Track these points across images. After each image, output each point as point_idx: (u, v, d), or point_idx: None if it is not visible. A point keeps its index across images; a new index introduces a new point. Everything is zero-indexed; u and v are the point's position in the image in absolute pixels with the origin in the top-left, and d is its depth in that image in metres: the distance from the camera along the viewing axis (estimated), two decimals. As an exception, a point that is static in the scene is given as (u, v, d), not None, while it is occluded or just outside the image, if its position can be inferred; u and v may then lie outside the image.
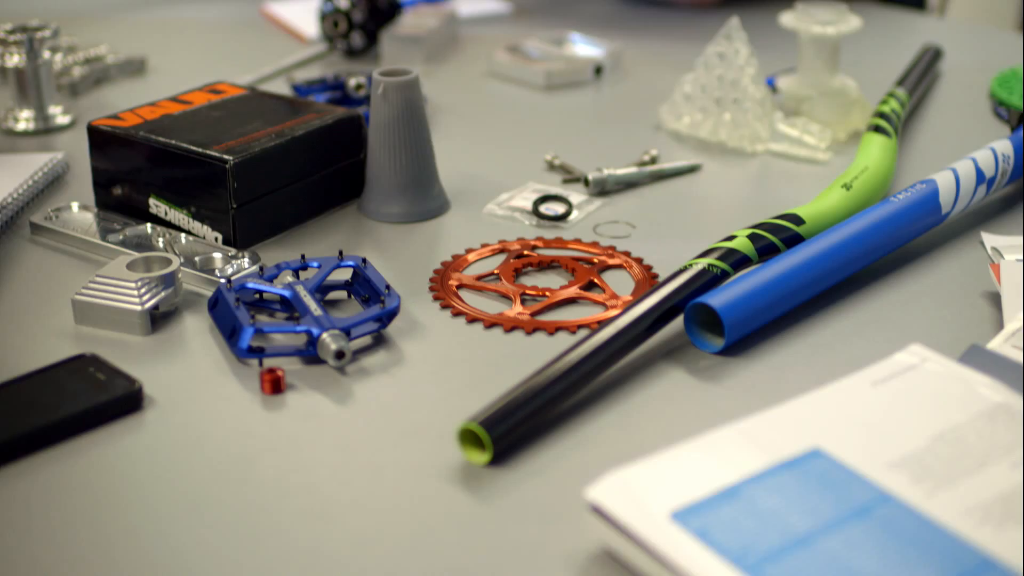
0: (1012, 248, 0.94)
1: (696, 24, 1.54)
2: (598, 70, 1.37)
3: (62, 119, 1.24)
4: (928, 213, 0.95)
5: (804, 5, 1.22)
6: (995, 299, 0.88)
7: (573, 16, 1.58)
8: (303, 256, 0.90)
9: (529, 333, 0.85)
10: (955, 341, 0.80)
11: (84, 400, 0.76)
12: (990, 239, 0.96)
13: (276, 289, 0.87)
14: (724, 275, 0.86)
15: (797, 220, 0.92)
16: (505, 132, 1.25)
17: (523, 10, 1.61)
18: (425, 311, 0.88)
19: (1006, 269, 0.87)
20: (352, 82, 1.23)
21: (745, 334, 0.83)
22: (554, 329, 0.86)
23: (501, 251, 0.97)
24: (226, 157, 0.95)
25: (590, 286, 0.92)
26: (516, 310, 0.88)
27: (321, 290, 0.89)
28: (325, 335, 0.80)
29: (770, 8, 1.39)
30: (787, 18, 1.22)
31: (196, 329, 0.86)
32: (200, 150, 0.97)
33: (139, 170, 1.01)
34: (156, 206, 1.00)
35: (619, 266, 0.95)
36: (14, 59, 1.22)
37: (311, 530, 0.66)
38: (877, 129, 1.10)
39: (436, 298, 0.90)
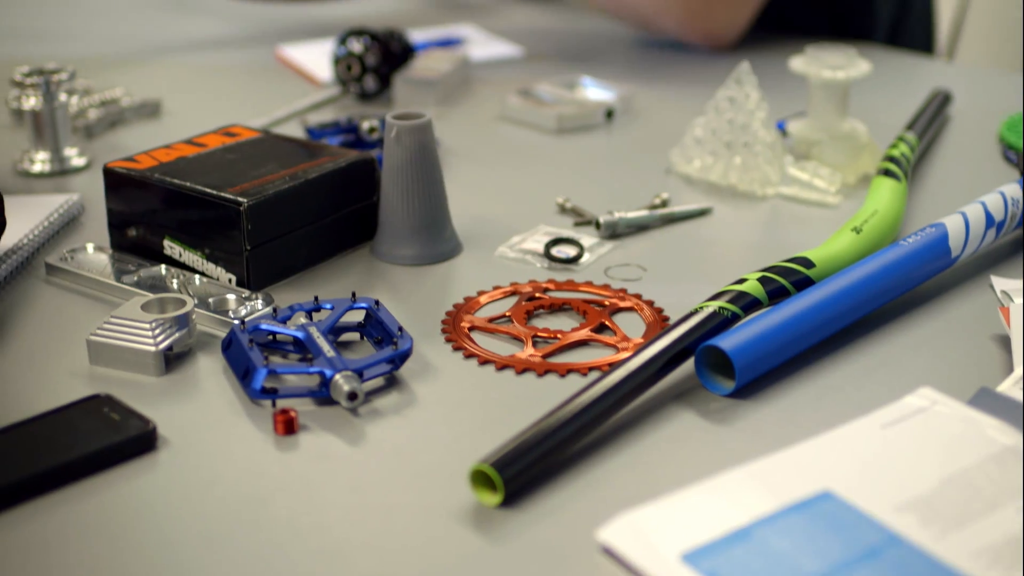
0: (1021, 291, 0.94)
1: (707, 68, 1.55)
2: (609, 114, 1.38)
3: (77, 161, 1.25)
4: (938, 257, 0.96)
5: (814, 50, 1.23)
6: (1005, 342, 0.88)
7: (585, 60, 1.60)
8: (316, 298, 0.91)
9: (541, 375, 0.86)
10: (964, 384, 0.81)
11: (98, 440, 0.76)
12: (1000, 282, 0.97)
13: (289, 330, 0.87)
14: (735, 318, 0.87)
15: (807, 263, 0.93)
16: (517, 175, 1.26)
17: (535, 54, 1.62)
18: (437, 353, 0.89)
19: (1015, 312, 0.87)
20: (365, 125, 1.24)
21: (755, 376, 0.84)
22: (565, 371, 0.86)
23: (513, 294, 0.98)
24: (240, 199, 0.96)
25: (601, 328, 0.92)
26: (528, 352, 0.89)
27: (334, 331, 0.89)
28: (338, 376, 0.81)
29: (780, 52, 1.40)
30: (797, 63, 1.23)
31: (210, 370, 0.87)
32: (214, 192, 0.98)
33: (154, 212, 1.02)
34: (170, 248, 1.01)
35: (630, 309, 0.96)
36: (31, 101, 1.23)
37: (324, 571, 0.66)
38: (887, 173, 1.11)
39: (448, 340, 0.91)
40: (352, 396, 0.80)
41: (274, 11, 1.79)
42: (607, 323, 0.93)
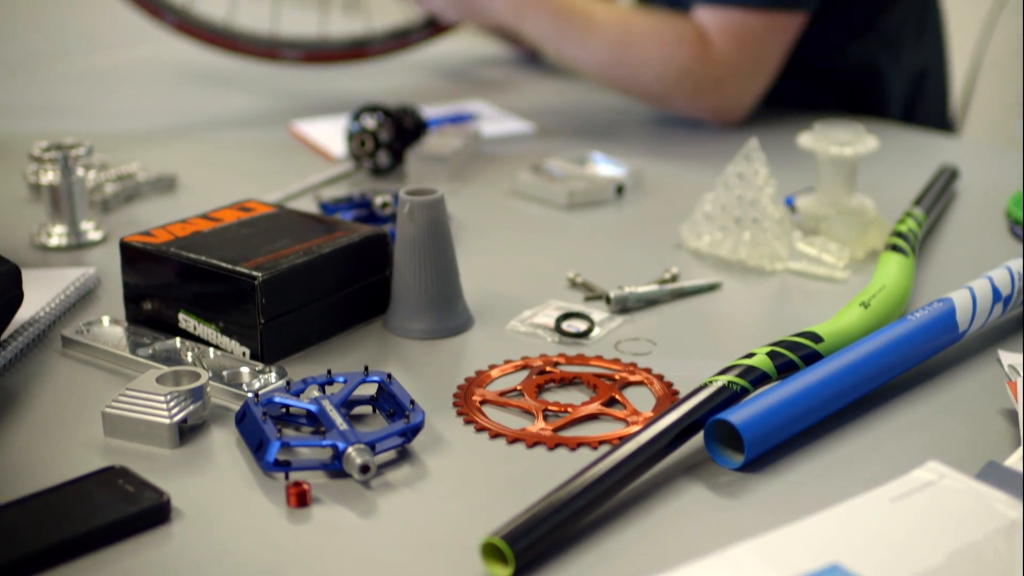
0: (1029, 366, 0.95)
1: (716, 144, 1.56)
2: (620, 189, 1.39)
3: (94, 235, 1.26)
4: (945, 331, 0.97)
5: (822, 126, 1.25)
6: (1012, 416, 0.89)
7: (595, 136, 1.61)
8: (329, 371, 0.92)
9: (551, 449, 0.87)
10: (972, 458, 0.81)
11: (113, 512, 0.77)
12: (1007, 357, 0.97)
13: (302, 403, 0.88)
14: (744, 392, 0.87)
15: (816, 338, 0.94)
16: (528, 250, 1.27)
17: (546, 130, 1.64)
18: (449, 426, 0.90)
19: (1022, 387, 0.88)
20: (378, 200, 1.25)
21: (765, 450, 0.84)
22: (576, 445, 0.87)
23: (524, 367, 0.99)
24: (255, 274, 0.98)
25: (611, 402, 0.93)
26: (538, 426, 0.89)
27: (347, 405, 0.90)
28: (351, 449, 0.81)
29: (789, 129, 1.42)
30: (805, 139, 1.25)
31: (224, 442, 0.87)
32: (229, 267, 0.99)
33: (169, 285, 1.03)
34: (185, 320, 1.02)
35: (640, 382, 0.96)
36: (49, 176, 1.25)
37: (335, 643, 0.67)
38: (895, 248, 1.12)
39: (460, 413, 0.91)
40: (364, 469, 0.81)
41: (289, 86, 1.81)
42: (617, 397, 0.93)
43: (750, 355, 0.90)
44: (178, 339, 1.01)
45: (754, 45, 1.58)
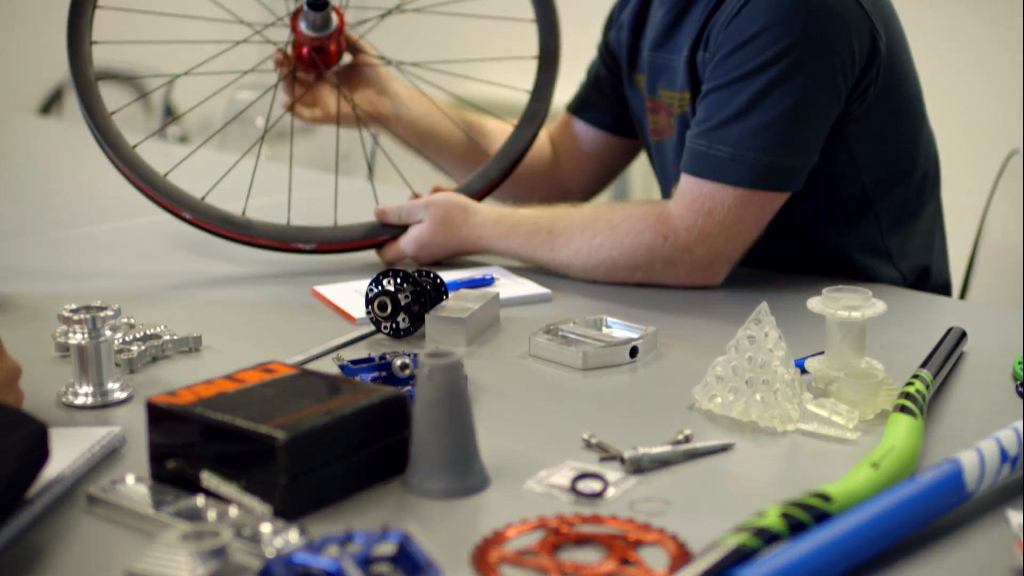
0: (1037, 527, 0.96)
1: (727, 307, 1.60)
2: (634, 352, 1.42)
3: (119, 395, 1.29)
4: (953, 492, 0.98)
5: (830, 291, 1.28)
6: (1021, 577, 0.90)
7: (609, 301, 1.65)
8: (348, 529, 0.94)
9: (566, 607, 0.88)
10: (982, 618, 0.82)
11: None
12: (1015, 516, 0.98)
13: (322, 562, 0.89)
14: (755, 551, 0.89)
15: (826, 498, 0.96)
16: (544, 411, 1.30)
17: (561, 295, 1.67)
18: (466, 584, 0.91)
19: (1031, 547, 0.89)
20: (398, 362, 1.28)
21: (777, 609, 0.85)
22: (591, 603, 0.88)
23: (540, 527, 1.00)
24: (277, 434, 1.00)
25: (627, 562, 0.94)
26: (554, 584, 0.91)
27: (366, 563, 0.91)
28: (369, 606, 0.83)
29: (798, 293, 1.45)
30: (814, 303, 1.28)
31: (245, 600, 0.89)
32: (253, 427, 1.02)
33: (194, 444, 1.05)
34: (208, 479, 1.04)
35: (654, 542, 0.98)
36: (77, 337, 1.28)
37: None
38: (903, 409, 1.14)
39: (477, 573, 0.93)
40: (383, 626, 0.82)
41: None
42: (632, 557, 0.95)
43: (762, 515, 0.92)
44: (201, 497, 1.03)
45: (725, 215, 1.63)
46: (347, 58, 1.94)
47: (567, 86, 2.05)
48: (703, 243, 1.64)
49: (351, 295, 1.62)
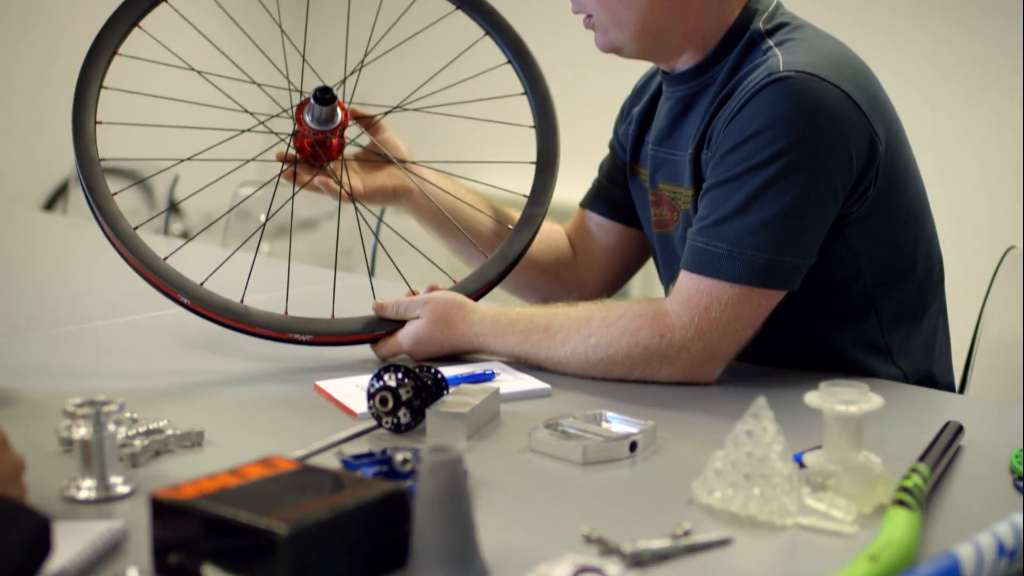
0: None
1: (725, 402, 1.61)
2: (633, 447, 1.43)
3: (122, 489, 1.30)
4: (951, 585, 0.99)
5: (827, 385, 1.29)
6: (1020, 671, 0.90)
7: (609, 395, 1.66)
8: (350, 623, 0.94)
9: None
10: None
11: None
12: (1013, 611, 0.99)
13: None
14: (755, 645, 0.89)
15: (824, 592, 0.96)
16: (544, 505, 1.30)
17: (561, 390, 1.69)
18: None
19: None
20: (399, 457, 1.29)
21: None
22: None
23: (540, 620, 1.01)
24: (279, 529, 1.01)
25: (626, 655, 0.95)
26: None
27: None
28: None
29: (795, 387, 1.46)
30: (812, 397, 1.29)
31: None
32: (254, 522, 1.02)
33: (196, 539, 1.06)
34: (211, 573, 1.04)
35: (654, 636, 0.98)
36: (81, 431, 1.29)
37: None
38: (901, 503, 1.15)
39: (477, 666, 0.93)
40: None
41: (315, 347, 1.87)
42: (631, 650, 0.95)
43: (760, 608, 0.93)
44: (203, 592, 1.03)
45: (722, 312, 1.65)
46: (355, 136, 1.98)
47: (572, 187, 2.09)
48: (699, 340, 1.66)
49: (352, 390, 1.64)
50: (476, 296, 1.87)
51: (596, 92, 3.31)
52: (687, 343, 1.66)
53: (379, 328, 1.82)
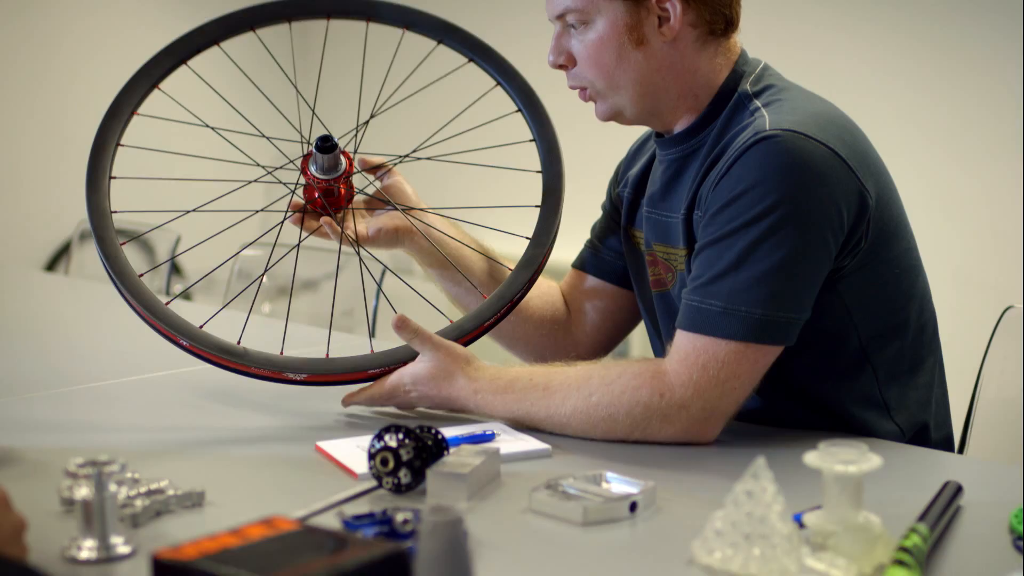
0: None
1: (725, 461, 1.61)
2: (633, 507, 1.43)
3: (123, 549, 1.30)
4: (951, 646, 0.99)
5: (827, 445, 1.30)
6: None
7: (608, 455, 1.66)
8: None
9: None
10: None
11: None
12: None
13: None
14: None
15: (824, 652, 0.96)
16: (544, 566, 1.30)
17: (561, 451, 1.69)
18: None
19: None
20: (399, 518, 1.29)
21: None
22: None
23: None
24: (281, 588, 1.01)
25: None
26: None
27: None
28: None
29: (795, 447, 1.47)
30: (811, 457, 1.30)
31: None
32: (257, 581, 1.03)
33: (197, 600, 1.06)
34: (212, 635, 1.05)
35: None
36: (83, 491, 1.29)
37: None
38: (901, 563, 1.15)
39: None
40: None
41: (317, 406, 1.88)
42: None
43: (761, 669, 0.93)
44: (204, 653, 1.03)
45: (720, 370, 1.65)
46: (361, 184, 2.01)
47: (565, 249, 2.11)
48: (698, 399, 1.66)
49: (353, 450, 1.64)
50: (472, 336, 1.88)
51: (588, 155, 3.34)
52: (686, 402, 1.67)
53: (373, 367, 1.83)
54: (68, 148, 5.08)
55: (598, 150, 3.04)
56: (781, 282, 1.65)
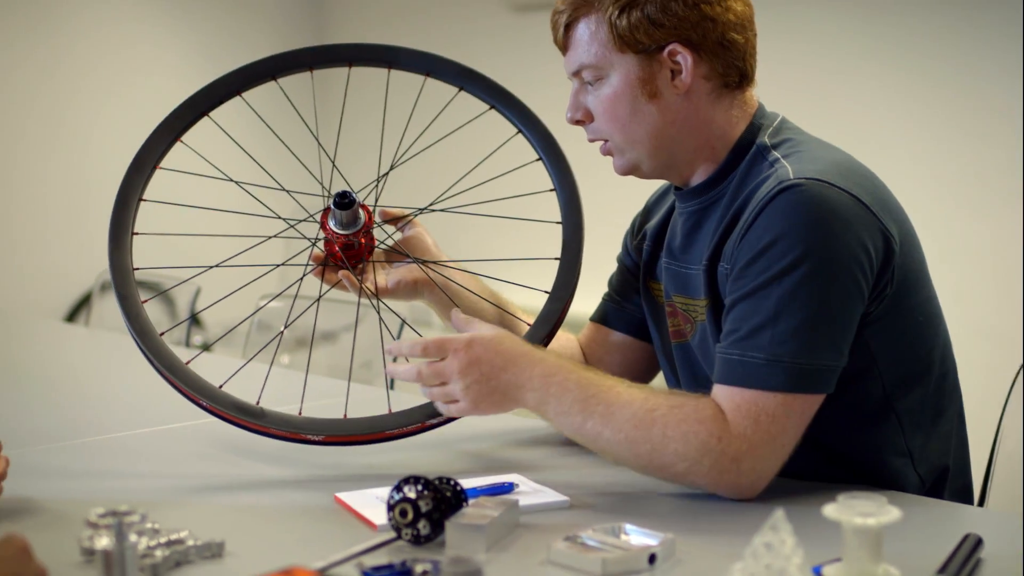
0: None
1: (744, 514, 1.61)
2: (652, 559, 1.43)
3: (143, 600, 1.31)
4: None
5: (845, 497, 1.30)
6: None
7: (627, 509, 1.66)
8: None
9: None
10: None
11: None
12: None
13: None
14: None
15: None
16: (563, 617, 1.30)
17: (580, 503, 1.69)
18: None
19: None
20: (419, 569, 1.29)
21: None
22: None
23: None
24: (301, 638, 1.02)
25: None
26: None
27: None
28: None
29: (814, 499, 1.47)
30: (830, 509, 1.30)
31: None
32: (277, 631, 1.03)
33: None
34: None
35: None
36: (103, 542, 1.30)
37: None
38: (921, 617, 1.15)
39: None
40: None
41: (336, 458, 1.88)
42: None
43: None
44: None
45: (771, 424, 1.64)
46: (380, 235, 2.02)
47: (584, 301, 2.11)
48: (751, 455, 1.64)
49: (372, 501, 1.64)
50: None
51: (607, 206, 3.36)
52: (740, 456, 1.64)
53: (392, 428, 1.84)
54: (89, 198, 5.13)
55: (617, 201, 3.05)
56: (819, 330, 1.65)
